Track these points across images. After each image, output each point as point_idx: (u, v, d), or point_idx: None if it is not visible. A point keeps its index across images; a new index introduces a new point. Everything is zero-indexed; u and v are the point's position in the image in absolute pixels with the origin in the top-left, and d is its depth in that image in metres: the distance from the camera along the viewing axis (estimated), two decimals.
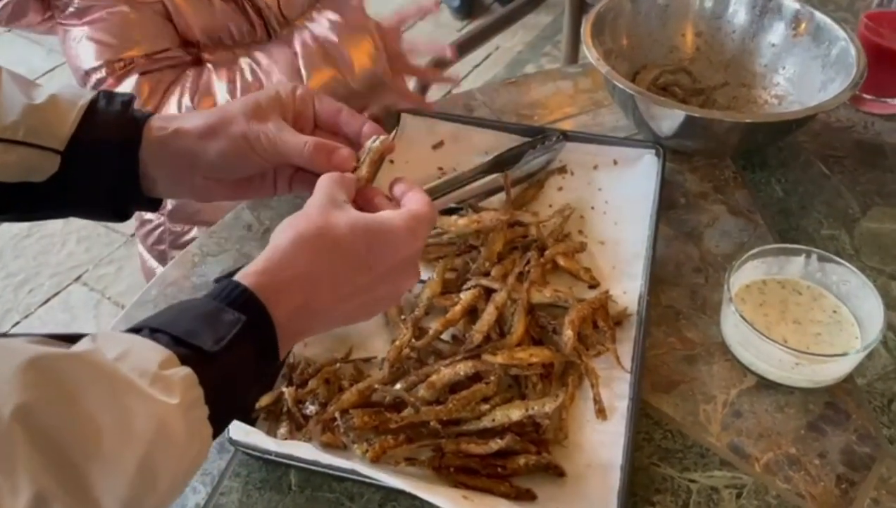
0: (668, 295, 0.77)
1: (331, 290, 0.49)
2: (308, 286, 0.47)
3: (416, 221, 0.52)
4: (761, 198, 0.87)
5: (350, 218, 0.50)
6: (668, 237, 0.83)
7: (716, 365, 0.70)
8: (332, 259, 0.48)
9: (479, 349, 0.68)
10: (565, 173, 0.89)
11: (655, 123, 0.89)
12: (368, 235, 0.50)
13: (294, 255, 0.48)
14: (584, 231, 0.83)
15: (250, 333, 0.44)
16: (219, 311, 0.43)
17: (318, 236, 0.48)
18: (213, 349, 0.41)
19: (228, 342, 0.42)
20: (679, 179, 0.90)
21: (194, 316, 0.43)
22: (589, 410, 0.66)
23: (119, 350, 0.39)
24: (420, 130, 0.96)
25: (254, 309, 0.44)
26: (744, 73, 1.00)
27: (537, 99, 1.03)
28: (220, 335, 0.42)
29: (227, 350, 0.42)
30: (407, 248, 0.51)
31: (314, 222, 0.49)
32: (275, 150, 0.56)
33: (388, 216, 0.52)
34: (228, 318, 0.43)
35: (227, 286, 0.45)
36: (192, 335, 0.41)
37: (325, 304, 0.49)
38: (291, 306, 0.47)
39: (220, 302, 0.44)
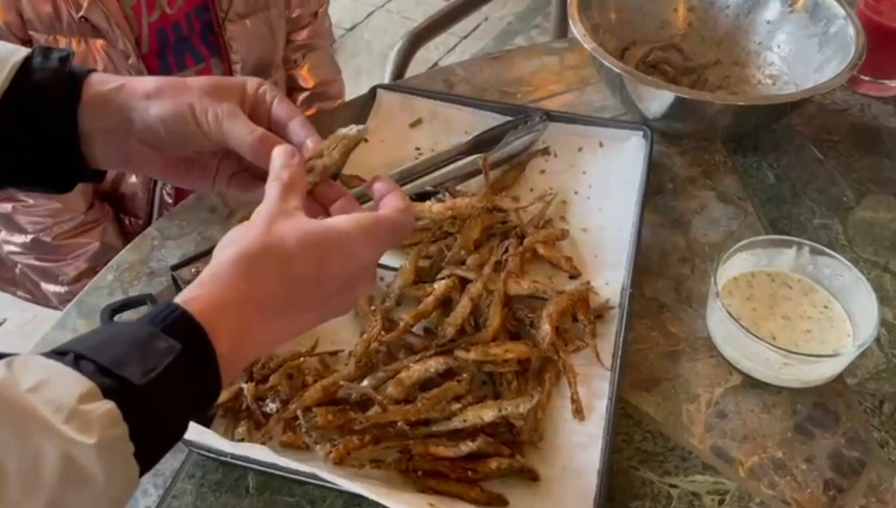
0: (653, 286, 0.73)
1: (280, 311, 0.44)
2: (253, 309, 0.43)
3: (377, 228, 0.47)
4: (752, 184, 0.84)
5: (299, 230, 0.45)
6: (654, 225, 0.79)
7: (700, 362, 0.67)
8: (280, 278, 0.44)
9: (451, 344, 0.65)
10: (548, 155, 0.85)
11: (644, 103, 0.84)
12: (320, 248, 0.45)
13: (238, 275, 0.43)
14: (567, 217, 0.79)
15: (186, 362, 0.39)
16: (152, 337, 0.39)
17: (264, 253, 0.43)
18: (142, 381, 0.37)
19: (160, 373, 0.37)
20: (667, 163, 0.86)
21: (125, 342, 0.38)
22: (566, 409, 0.63)
23: (36, 380, 0.35)
24: (396, 106, 0.91)
25: (192, 336, 0.40)
26: (737, 50, 0.96)
27: (521, 75, 0.98)
28: (150, 365, 0.37)
29: (159, 382, 0.37)
30: (362, 259, 0.47)
31: (259, 238, 0.44)
32: (219, 129, 0.51)
33: (341, 225, 0.46)
34: (162, 345, 0.38)
35: (164, 310, 0.40)
36: (120, 365, 0.37)
37: (272, 326, 0.44)
38: (235, 331, 0.42)
39: (155, 327, 0.39)
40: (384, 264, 0.73)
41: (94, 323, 0.69)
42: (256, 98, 0.54)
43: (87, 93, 0.52)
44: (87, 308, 0.71)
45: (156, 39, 0.94)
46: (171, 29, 0.95)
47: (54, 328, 0.69)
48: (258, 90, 0.54)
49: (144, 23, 0.92)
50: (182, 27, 0.96)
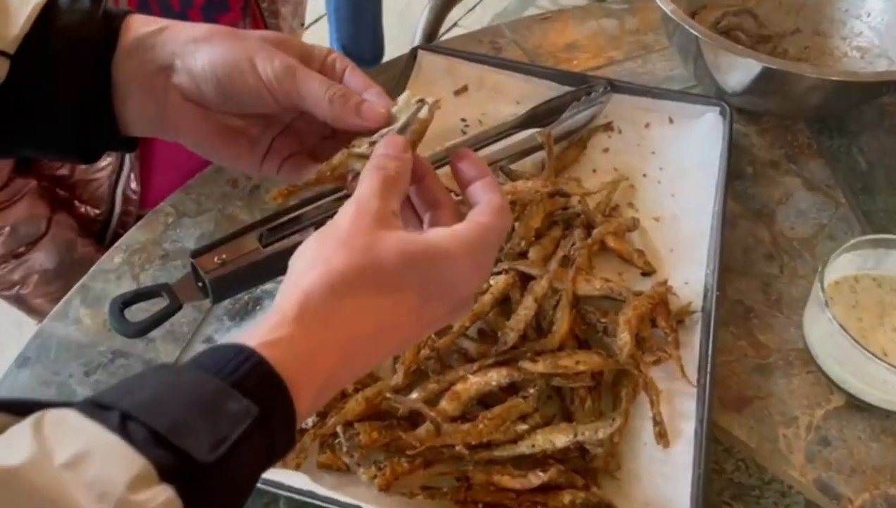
0: (736, 287, 0.64)
1: (374, 350, 0.36)
2: (348, 351, 0.34)
3: (483, 243, 0.38)
4: (841, 170, 0.74)
5: (402, 252, 0.35)
6: (734, 215, 0.70)
7: (796, 378, 0.59)
8: (379, 311, 0.35)
9: (513, 352, 0.56)
10: (612, 132, 0.76)
11: (722, 74, 0.74)
12: (423, 264, 0.36)
13: (331, 307, 0.34)
14: (636, 204, 0.70)
15: (262, 428, 0.30)
16: (222, 396, 0.29)
17: (362, 280, 0.34)
18: (209, 458, 0.28)
19: (232, 444, 0.28)
20: (745, 144, 0.76)
21: (185, 399, 0.29)
22: (645, 432, 0.54)
23: (73, 452, 0.26)
24: (439, 71, 0.81)
25: (271, 393, 0.31)
26: (819, 18, 0.86)
27: (576, 40, 0.88)
28: (220, 436, 0.28)
29: (229, 457, 0.28)
30: (466, 284, 0.38)
31: (359, 258, 0.35)
32: (289, 82, 0.41)
33: (446, 243, 0.37)
34: (234, 408, 0.29)
35: (237, 356, 0.31)
36: (181, 433, 0.28)
37: (360, 366, 0.36)
38: (322, 379, 0.33)
39: (224, 380, 0.30)
40: None
41: (102, 315, 0.60)
42: (325, 65, 0.44)
43: (125, 37, 0.43)
44: (93, 296, 0.62)
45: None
46: None
47: (53, 318, 0.61)
48: (327, 58, 0.44)
49: None
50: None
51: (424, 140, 0.72)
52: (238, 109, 0.44)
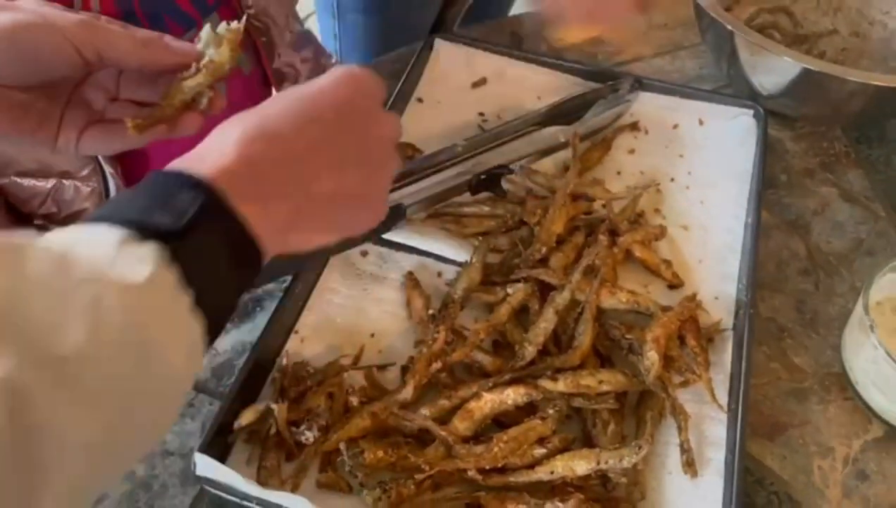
0: (769, 304, 0.60)
1: (278, 141, 0.38)
2: (248, 146, 0.37)
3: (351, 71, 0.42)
4: (879, 181, 0.70)
5: (277, 100, 0.41)
6: (767, 226, 0.65)
7: (833, 405, 0.55)
8: (264, 129, 0.38)
9: (530, 368, 0.52)
10: (638, 132, 0.72)
11: (757, 75, 0.70)
12: (299, 99, 0.40)
13: (219, 144, 0.37)
14: (662, 211, 0.66)
15: (212, 215, 0.34)
16: (172, 192, 0.34)
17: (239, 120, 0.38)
18: (177, 225, 0.32)
19: (191, 218, 0.32)
20: (778, 150, 0.72)
21: (143, 197, 0.34)
22: (671, 459, 0.51)
23: (68, 238, 0.30)
24: (457, 61, 0.77)
25: (203, 190, 0.34)
26: (859, 19, 0.81)
27: (600, 33, 0.83)
28: (179, 213, 0.33)
29: (194, 228, 0.32)
30: (348, 92, 0.41)
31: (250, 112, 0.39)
32: (92, 32, 0.42)
33: (318, 79, 0.42)
34: (185, 196, 0.33)
35: (166, 176, 0.35)
36: (148, 214, 0.32)
37: (278, 157, 0.38)
38: (240, 179, 0.36)
39: (167, 186, 0.34)
40: (443, 255, 0.61)
41: None
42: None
43: None
44: None
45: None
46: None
47: None
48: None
49: None
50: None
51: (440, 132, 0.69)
52: (30, 74, 0.43)
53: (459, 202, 0.64)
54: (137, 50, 0.43)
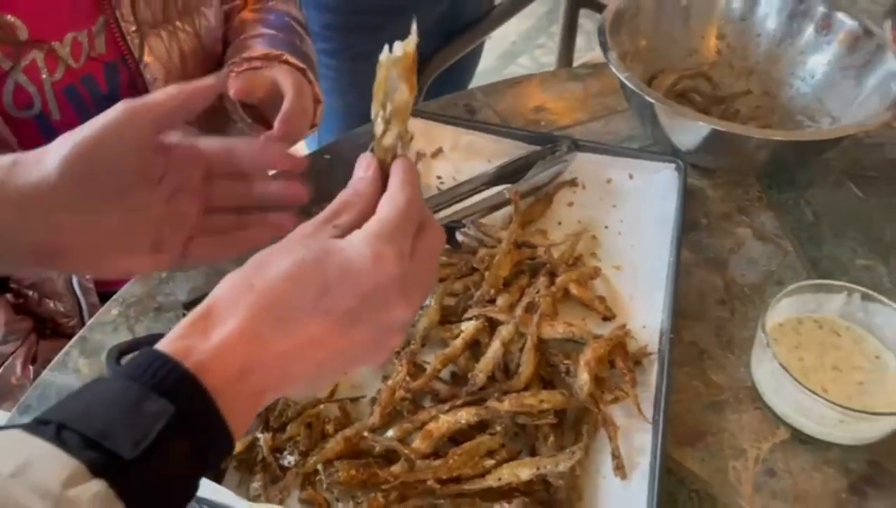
0: (692, 331, 0.69)
1: (275, 341, 0.38)
2: (245, 343, 0.37)
3: (382, 244, 0.40)
4: (789, 222, 0.80)
5: (294, 259, 0.40)
6: (690, 264, 0.75)
7: (746, 414, 0.63)
8: (271, 308, 0.38)
9: (482, 392, 0.61)
10: (576, 187, 0.81)
11: (676, 135, 0.81)
12: (317, 275, 0.39)
13: (227, 305, 0.38)
14: (598, 254, 0.75)
15: (183, 424, 0.34)
16: (140, 399, 0.33)
17: (255, 276, 0.39)
18: (132, 454, 0.32)
19: (152, 441, 0.32)
20: (700, 197, 0.82)
21: (111, 405, 0.33)
22: (605, 465, 0.59)
23: (17, 463, 0.30)
24: (416, 133, 0.86)
25: (187, 389, 0.35)
26: (769, 81, 0.93)
27: (544, 102, 0.95)
28: (141, 434, 0.32)
29: (153, 451, 0.32)
30: (371, 282, 0.40)
31: (255, 262, 0.40)
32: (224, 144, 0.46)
33: (346, 249, 0.40)
34: (153, 409, 0.33)
35: (153, 360, 0.35)
36: (107, 435, 0.32)
37: (270, 359, 0.38)
38: (234, 371, 0.36)
39: (142, 386, 0.34)
40: None
41: (99, 364, 0.64)
42: None
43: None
44: (91, 347, 0.66)
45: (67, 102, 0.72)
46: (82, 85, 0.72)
47: (52, 368, 0.65)
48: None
49: (47, 87, 0.70)
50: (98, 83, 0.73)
51: None
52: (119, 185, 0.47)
53: None
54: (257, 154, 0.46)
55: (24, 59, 0.67)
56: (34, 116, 0.70)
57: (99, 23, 0.70)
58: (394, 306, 0.41)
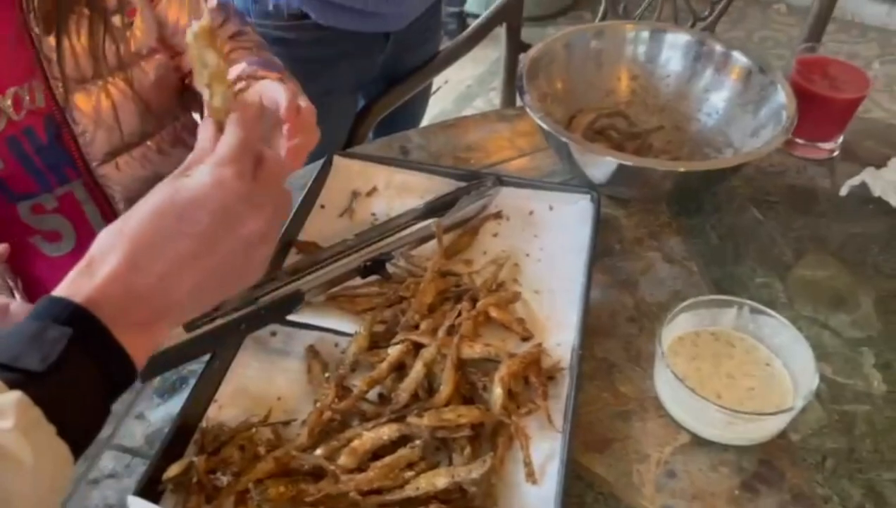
0: (603, 347, 0.75)
1: (150, 267, 0.46)
2: (124, 274, 0.45)
3: (221, 167, 0.48)
4: (696, 245, 0.87)
5: (153, 201, 0.48)
6: (603, 285, 0.81)
7: (650, 422, 0.68)
8: (141, 243, 0.46)
9: (405, 410, 0.65)
10: (501, 219, 0.87)
11: (590, 169, 0.87)
12: (173, 210, 0.47)
13: (103, 253, 0.46)
14: (519, 280, 0.81)
15: (82, 345, 0.42)
16: (42, 329, 0.42)
17: (124, 224, 0.47)
18: (41, 367, 0.40)
19: (58, 357, 0.41)
20: (614, 225, 0.89)
21: (18, 338, 0.42)
22: (520, 473, 0.63)
23: None
24: (353, 173, 0.93)
25: (80, 317, 0.43)
26: (678, 116, 1.00)
27: (474, 141, 1.01)
28: (45, 353, 0.41)
29: (59, 366, 0.41)
30: (217, 201, 0.48)
31: (125, 214, 0.48)
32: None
33: (190, 181, 0.48)
34: (53, 334, 0.42)
35: (45, 302, 0.44)
36: (18, 358, 0.41)
37: (150, 284, 0.46)
38: (121, 299, 0.45)
39: (43, 320, 0.43)
40: (338, 329, 0.74)
41: None
42: None
43: None
44: None
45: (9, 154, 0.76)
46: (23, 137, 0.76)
47: None
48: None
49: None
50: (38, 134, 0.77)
51: (337, 231, 0.83)
52: None
53: (352, 285, 0.78)
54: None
55: None
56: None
57: (35, 78, 0.75)
58: (247, 219, 0.49)
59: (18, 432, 0.38)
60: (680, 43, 0.99)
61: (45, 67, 0.73)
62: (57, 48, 0.73)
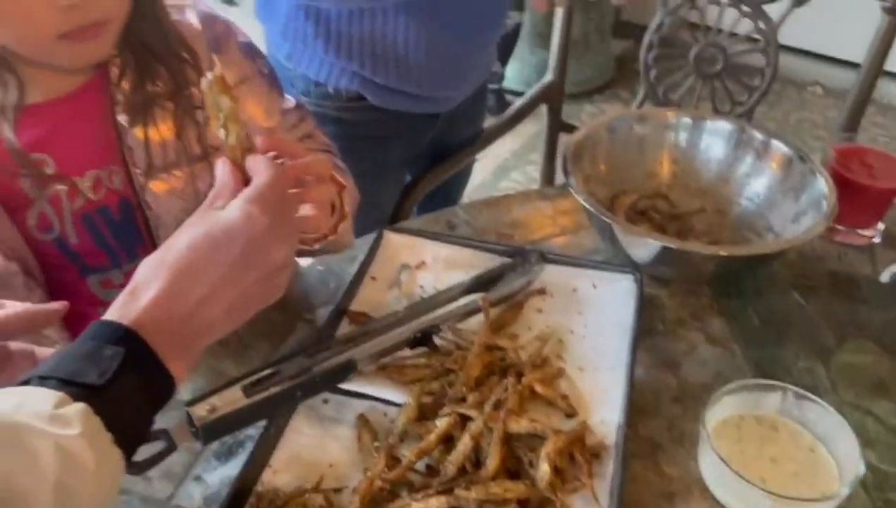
0: (647, 426, 0.76)
1: (188, 294, 0.53)
2: (166, 300, 0.52)
3: (250, 204, 0.56)
4: (738, 327, 0.88)
5: (190, 234, 0.55)
6: (647, 365, 0.82)
7: (695, 503, 0.69)
8: (180, 272, 0.53)
9: (452, 482, 0.67)
10: (545, 295, 0.90)
11: (633, 250, 0.90)
12: (208, 242, 0.54)
13: (147, 281, 0.53)
14: (563, 356, 0.83)
15: (131, 363, 0.48)
16: (98, 349, 0.48)
17: (164, 254, 0.54)
18: (101, 381, 0.46)
19: (114, 373, 0.47)
20: (657, 305, 0.91)
21: (76, 358, 0.48)
22: None
23: (14, 402, 0.44)
24: (402, 247, 0.97)
25: (129, 339, 0.49)
26: (720, 200, 1.03)
27: (518, 218, 1.05)
28: (103, 369, 0.47)
29: (115, 380, 0.47)
30: (247, 234, 0.55)
31: (162, 247, 0.55)
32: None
33: (223, 215, 0.56)
34: (108, 353, 0.48)
35: (97, 326, 0.50)
36: (78, 374, 0.46)
37: (188, 309, 0.53)
38: (164, 322, 0.51)
39: (97, 341, 0.49)
40: (388, 399, 0.77)
41: None
42: None
43: None
44: None
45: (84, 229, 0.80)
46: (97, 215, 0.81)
47: None
48: None
49: (67, 213, 0.79)
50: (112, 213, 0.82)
51: (386, 303, 0.86)
52: None
53: (401, 356, 0.81)
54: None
55: (48, 191, 0.77)
56: (53, 239, 0.80)
57: (115, 164, 0.80)
58: (272, 250, 0.56)
59: (84, 438, 0.44)
60: (721, 130, 1.03)
61: (127, 154, 0.79)
62: (140, 138, 0.78)
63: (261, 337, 0.85)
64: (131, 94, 0.77)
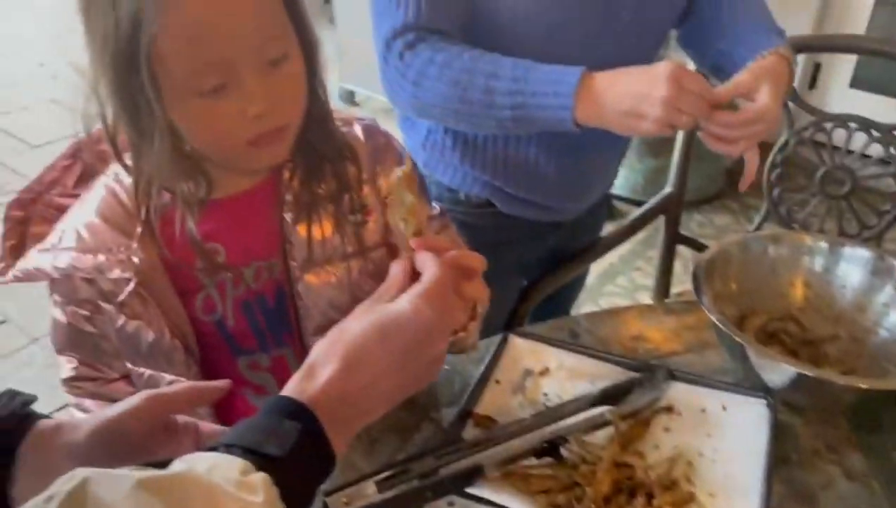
0: None
1: (358, 377, 0.58)
2: (339, 381, 0.57)
3: (419, 299, 0.61)
4: (878, 463, 0.84)
5: (362, 322, 0.60)
6: (781, 495, 0.79)
7: None
8: (353, 357, 0.58)
9: None
10: (672, 413, 0.89)
11: (766, 374, 0.88)
12: (379, 331, 0.59)
13: (322, 363, 0.58)
14: (693, 479, 0.81)
15: (306, 436, 0.53)
16: (279, 423, 0.53)
17: (338, 338, 0.60)
18: (281, 453, 0.51)
19: (292, 446, 0.51)
20: (790, 433, 0.88)
21: (260, 429, 0.53)
22: None
23: (207, 465, 0.48)
24: (526, 351, 0.99)
25: (305, 415, 0.54)
26: (855, 327, 1.00)
27: (641, 332, 1.05)
28: (283, 441, 0.51)
29: (292, 453, 0.51)
30: (415, 326, 0.60)
31: (336, 329, 0.61)
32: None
33: (394, 308, 0.61)
34: (287, 427, 0.53)
35: (277, 400, 0.56)
36: (261, 445, 0.51)
37: (357, 390, 0.58)
38: (335, 402, 0.56)
39: (278, 415, 0.54)
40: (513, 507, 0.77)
41: None
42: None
43: (31, 433, 0.62)
44: None
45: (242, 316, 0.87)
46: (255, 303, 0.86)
47: None
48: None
49: (229, 299, 0.85)
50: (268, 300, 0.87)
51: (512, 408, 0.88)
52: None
53: (527, 464, 0.81)
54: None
55: (218, 278, 0.84)
56: (214, 321, 0.86)
57: (276, 257, 0.87)
58: (434, 342, 0.61)
59: (266, 506, 0.47)
60: (858, 257, 1.01)
61: (287, 249, 0.85)
62: (302, 236, 0.85)
63: (389, 432, 0.88)
64: (299, 194, 0.85)
